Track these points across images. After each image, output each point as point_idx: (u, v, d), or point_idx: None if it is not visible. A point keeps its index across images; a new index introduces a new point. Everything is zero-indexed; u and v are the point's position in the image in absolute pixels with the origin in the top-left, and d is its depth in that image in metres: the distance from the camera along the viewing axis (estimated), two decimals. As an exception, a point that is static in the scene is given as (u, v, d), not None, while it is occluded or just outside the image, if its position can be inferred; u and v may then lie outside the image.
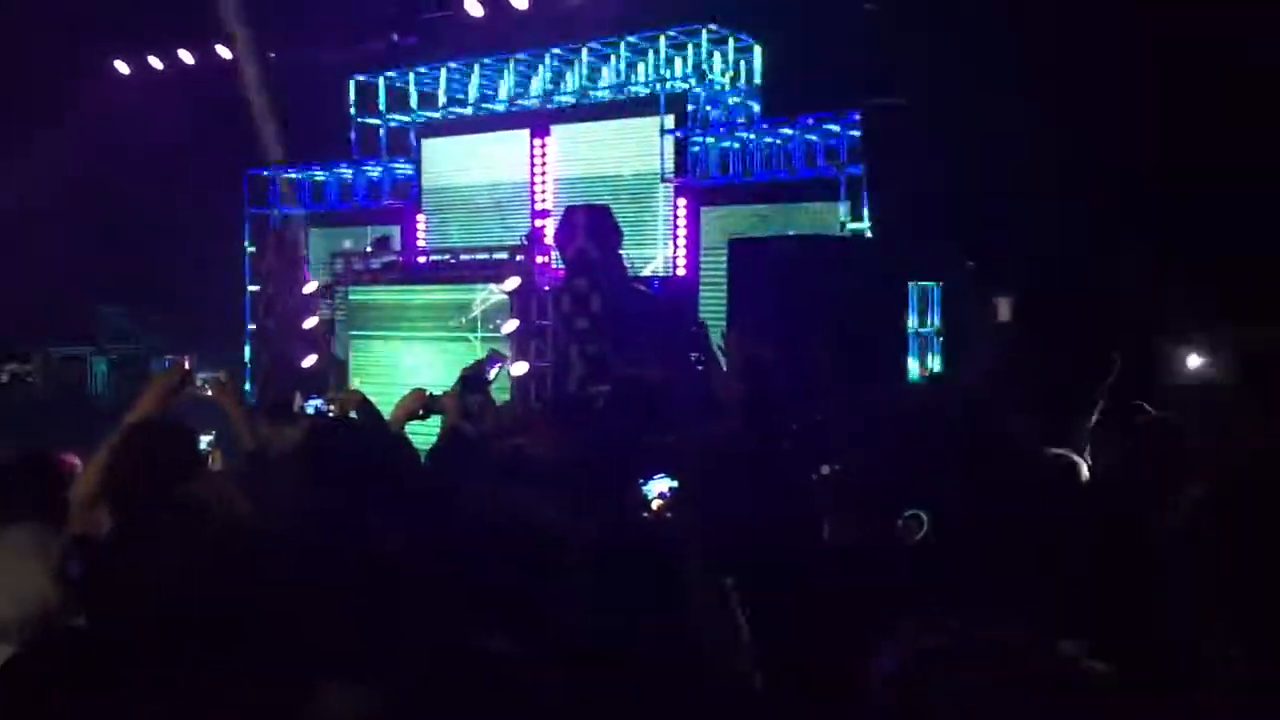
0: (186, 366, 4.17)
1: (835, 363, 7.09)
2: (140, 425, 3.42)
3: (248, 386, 13.17)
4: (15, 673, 2.19)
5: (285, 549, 2.60)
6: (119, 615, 2.30)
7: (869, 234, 9.66)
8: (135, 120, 13.78)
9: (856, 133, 9.78)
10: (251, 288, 13.61)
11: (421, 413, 4.31)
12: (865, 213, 9.73)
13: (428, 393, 4.37)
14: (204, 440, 3.85)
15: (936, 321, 9.23)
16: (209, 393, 4.08)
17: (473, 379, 4.72)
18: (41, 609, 2.42)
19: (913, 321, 9.07)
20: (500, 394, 7.95)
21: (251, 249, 13.88)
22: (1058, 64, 7.45)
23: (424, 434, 4.87)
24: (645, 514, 2.45)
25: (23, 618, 2.39)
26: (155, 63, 14.47)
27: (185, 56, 14.24)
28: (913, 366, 8.98)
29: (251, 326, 13.45)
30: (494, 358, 5.21)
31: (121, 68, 14.69)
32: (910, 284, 9.03)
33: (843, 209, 10.02)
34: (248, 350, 13.54)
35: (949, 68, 8.03)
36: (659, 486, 2.46)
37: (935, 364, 9.08)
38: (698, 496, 2.83)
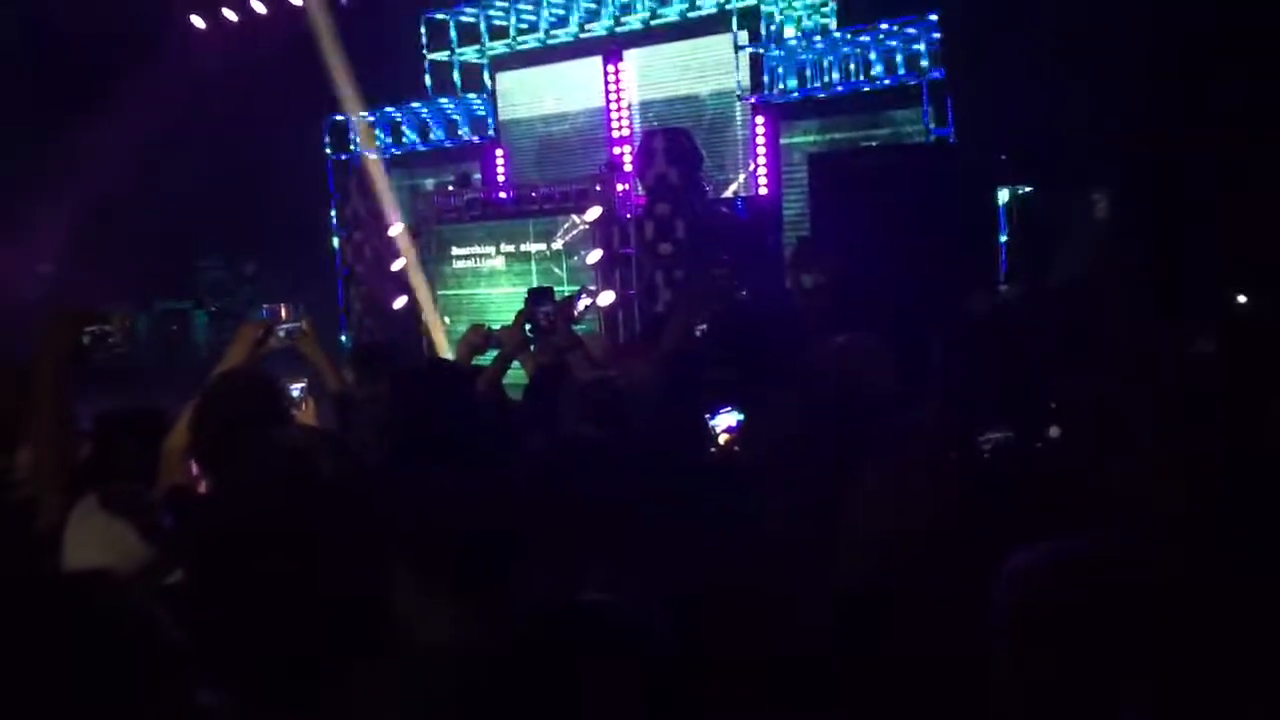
0: (283, 314, 4.22)
1: (929, 274, 6.93)
2: (221, 376, 3.47)
3: (343, 335, 13.40)
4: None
5: (364, 497, 2.63)
6: (210, 567, 2.34)
7: (953, 140, 9.37)
8: (214, 75, 13.93)
9: (936, 35, 9.46)
10: (339, 233, 13.76)
11: (483, 347, 4.30)
12: (949, 118, 9.43)
13: (486, 326, 4.36)
14: (296, 388, 3.89)
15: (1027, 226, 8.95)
16: (289, 341, 4.13)
17: (538, 291, 4.67)
18: (134, 568, 2.46)
19: (1004, 227, 8.81)
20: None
21: (336, 194, 14.01)
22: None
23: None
24: (713, 449, 2.40)
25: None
26: (230, 15, 14.56)
27: (258, 6, 14.31)
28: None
29: (343, 271, 13.62)
30: (582, 291, 5.16)
31: (198, 22, 14.81)
32: (999, 189, 8.76)
33: (926, 115, 9.73)
34: (340, 296, 13.72)
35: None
36: (726, 420, 2.40)
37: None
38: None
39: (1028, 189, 8.79)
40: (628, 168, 10.96)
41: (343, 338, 13.27)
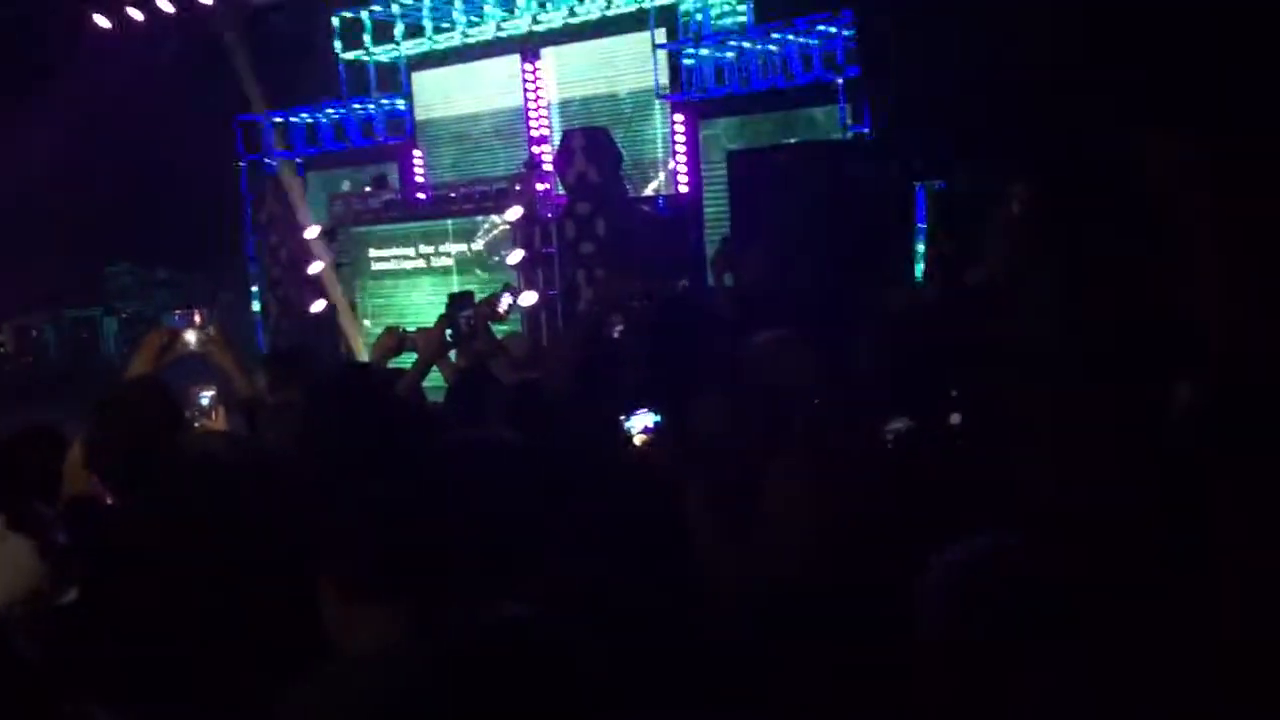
0: (196, 320, 4.12)
1: (844, 269, 6.99)
2: (124, 384, 3.37)
3: (259, 340, 13.15)
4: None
5: (282, 505, 2.56)
6: (109, 580, 2.27)
7: (870, 137, 9.45)
8: (122, 76, 13.59)
9: (851, 33, 9.54)
10: (253, 236, 13.51)
11: (398, 350, 4.24)
12: (866, 115, 9.52)
13: (401, 329, 4.29)
14: (205, 396, 3.79)
15: (945, 221, 9.07)
16: (197, 348, 4.02)
17: (459, 296, 4.61)
18: (28, 587, 2.36)
19: (921, 223, 8.91)
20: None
21: (250, 196, 13.75)
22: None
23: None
24: (629, 448, 2.37)
25: (10, 598, 2.34)
26: (135, 14, 14.20)
27: (165, 5, 13.97)
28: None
29: (259, 276, 13.37)
30: (505, 289, 5.11)
31: (102, 22, 14.43)
32: (917, 184, 8.85)
33: (842, 113, 9.81)
34: (256, 300, 13.48)
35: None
36: (643, 421, 2.36)
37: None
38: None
39: (944, 185, 8.90)
40: (547, 167, 10.90)
41: (259, 342, 13.02)
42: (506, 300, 5.14)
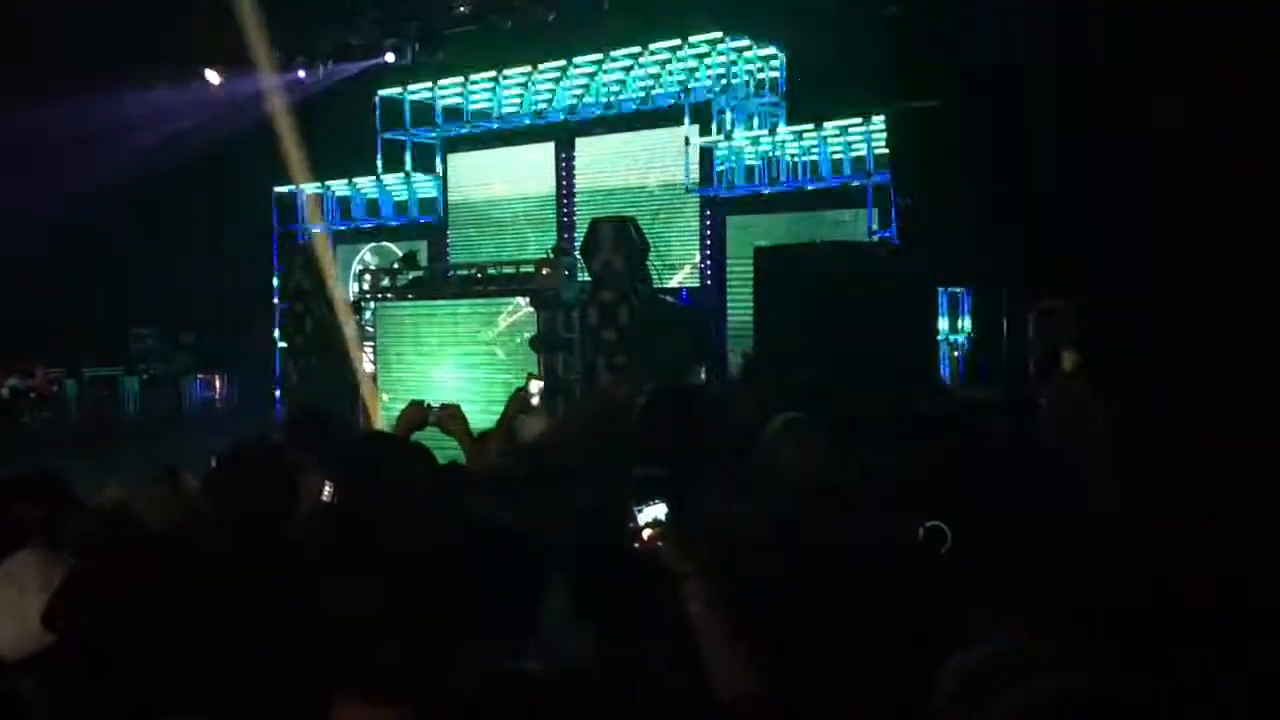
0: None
1: (866, 370, 6.99)
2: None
3: (277, 403, 13.22)
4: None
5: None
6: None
7: (896, 241, 9.55)
8: (163, 142, 13.88)
9: (881, 138, 9.69)
10: (280, 305, 13.65)
11: (422, 424, 4.26)
12: (892, 218, 9.63)
13: (426, 403, 4.30)
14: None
15: (968, 327, 9.13)
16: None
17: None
18: (42, 642, 2.34)
19: (944, 327, 8.97)
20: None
21: (280, 267, 13.93)
22: (1079, 66, 7.33)
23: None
24: (635, 544, 2.34)
25: (24, 651, 2.32)
26: (182, 83, 14.55)
27: (211, 76, 14.31)
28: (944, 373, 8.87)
29: (282, 344, 13.48)
30: (530, 379, 5.12)
31: (148, 89, 14.77)
32: (940, 290, 8.92)
33: (869, 216, 9.93)
34: (278, 367, 13.57)
35: (974, 70, 7.92)
36: (653, 512, 2.33)
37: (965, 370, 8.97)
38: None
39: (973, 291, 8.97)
40: (575, 253, 11.02)
41: (277, 411, 13.09)
42: (536, 386, 5.14)
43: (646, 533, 2.36)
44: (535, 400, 5.03)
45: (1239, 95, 6.58)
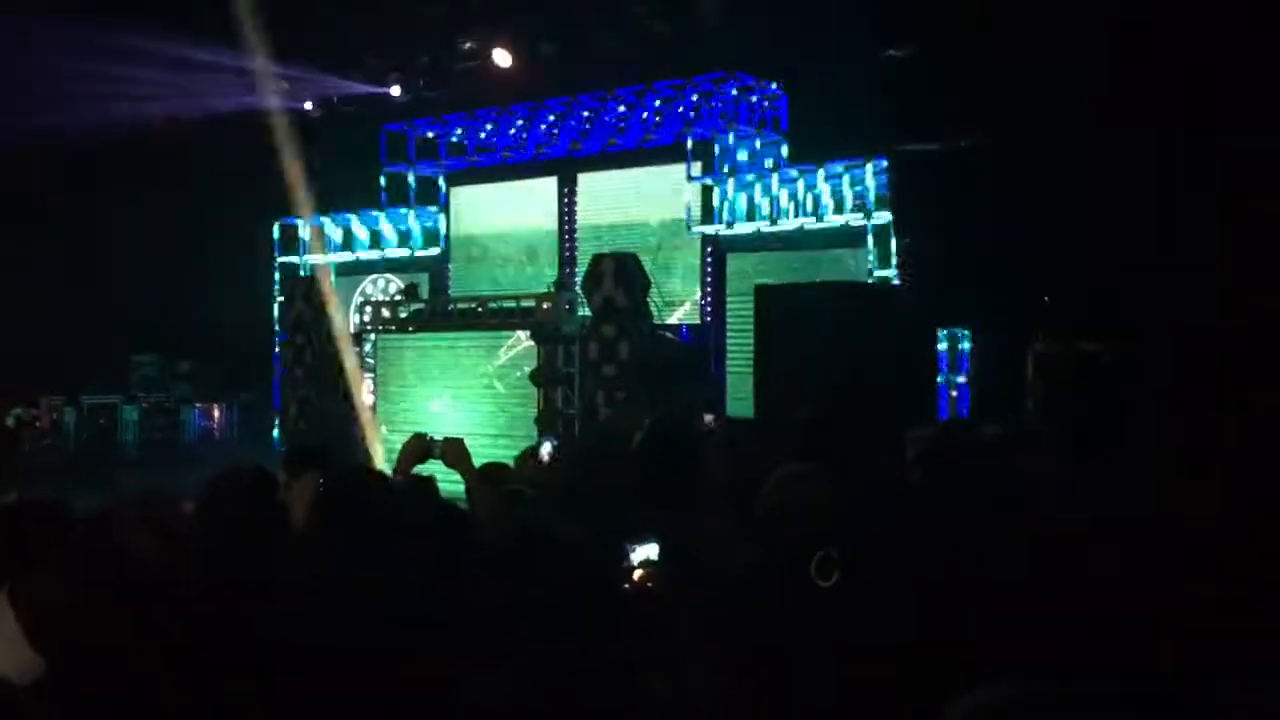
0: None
1: (863, 410, 6.99)
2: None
3: (275, 433, 13.21)
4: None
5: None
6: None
7: (895, 281, 9.59)
8: (166, 169, 13.93)
9: (882, 179, 9.76)
10: (280, 335, 13.68)
11: (424, 457, 4.27)
12: (892, 260, 9.68)
13: (429, 436, 4.30)
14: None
15: (966, 368, 9.16)
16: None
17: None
18: (28, 670, 2.34)
19: (942, 369, 9.01)
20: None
21: (280, 297, 13.96)
22: (1081, 107, 7.38)
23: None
24: (626, 584, 2.34)
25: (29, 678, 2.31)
26: (186, 112, 14.62)
27: (214, 103, 14.39)
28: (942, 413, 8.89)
29: (281, 374, 13.49)
30: (543, 438, 5.20)
31: (154, 117, 14.84)
32: (939, 330, 8.96)
33: (869, 256, 9.98)
34: (277, 397, 13.57)
35: (976, 112, 7.98)
36: (645, 552, 2.33)
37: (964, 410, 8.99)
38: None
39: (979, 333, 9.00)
40: (576, 288, 11.06)
41: (275, 440, 13.08)
42: (547, 449, 5.20)
43: (638, 573, 2.36)
44: (545, 457, 5.09)
45: (1241, 126, 6.64)
